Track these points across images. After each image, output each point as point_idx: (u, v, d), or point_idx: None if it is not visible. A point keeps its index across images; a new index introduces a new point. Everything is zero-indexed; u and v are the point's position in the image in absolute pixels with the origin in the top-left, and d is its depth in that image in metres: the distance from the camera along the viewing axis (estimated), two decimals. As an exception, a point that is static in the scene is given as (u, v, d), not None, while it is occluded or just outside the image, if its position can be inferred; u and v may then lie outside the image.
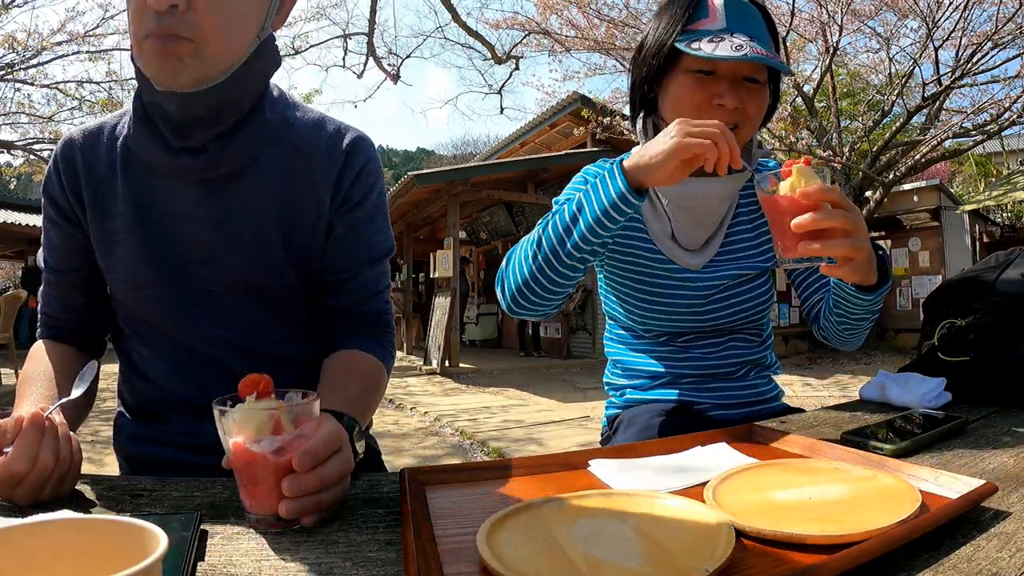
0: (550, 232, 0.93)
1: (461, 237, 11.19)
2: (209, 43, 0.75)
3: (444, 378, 8.56)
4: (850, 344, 1.13)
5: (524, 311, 1.01)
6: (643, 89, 1.10)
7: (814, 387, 7.10)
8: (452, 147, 61.49)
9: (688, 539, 0.52)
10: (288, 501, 0.56)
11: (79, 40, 9.01)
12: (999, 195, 9.95)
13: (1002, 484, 0.62)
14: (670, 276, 1.12)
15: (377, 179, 0.95)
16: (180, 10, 0.72)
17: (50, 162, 0.90)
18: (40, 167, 10.05)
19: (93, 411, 0.92)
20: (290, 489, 0.56)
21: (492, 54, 11.85)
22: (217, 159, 0.83)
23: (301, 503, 0.57)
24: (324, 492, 0.58)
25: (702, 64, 1.00)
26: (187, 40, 0.73)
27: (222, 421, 0.60)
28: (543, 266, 0.93)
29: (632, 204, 0.87)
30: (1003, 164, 14.33)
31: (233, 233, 0.86)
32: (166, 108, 0.80)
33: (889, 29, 9.45)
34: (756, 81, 1.02)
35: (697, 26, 1.01)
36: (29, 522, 0.38)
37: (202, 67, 0.76)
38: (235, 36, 0.78)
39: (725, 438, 0.84)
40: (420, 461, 4.22)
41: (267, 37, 0.83)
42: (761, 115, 1.06)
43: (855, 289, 0.92)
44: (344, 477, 0.61)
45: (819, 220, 0.75)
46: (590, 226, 0.89)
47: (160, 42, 0.73)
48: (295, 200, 0.88)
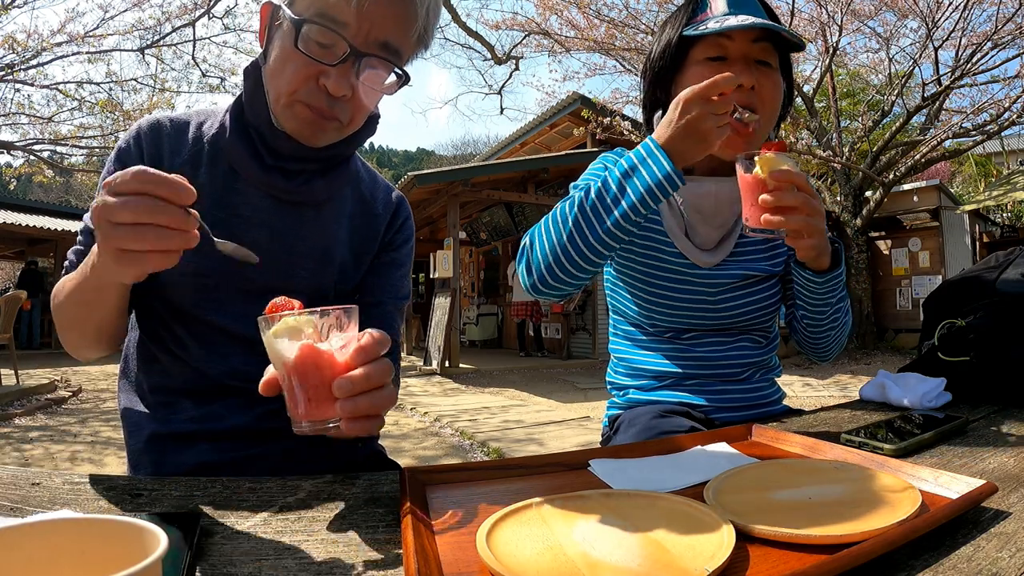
0: (587, 210, 0.92)
1: (461, 237, 11.20)
2: (352, 124, 0.88)
3: (444, 378, 8.56)
4: (819, 350, 1.16)
5: (550, 290, 1.00)
6: (655, 93, 1.12)
7: (814, 387, 7.11)
8: (452, 147, 61.59)
9: (688, 539, 0.52)
10: (343, 401, 0.60)
11: (79, 41, 9.01)
12: (999, 195, 9.95)
13: (1002, 484, 0.62)
14: (683, 272, 1.13)
15: (412, 233, 1.09)
16: (346, 98, 0.82)
17: (130, 135, 0.92)
18: (40, 167, 10.06)
19: (93, 411, 0.92)
20: (340, 388, 0.59)
21: (492, 54, 11.86)
22: (306, 188, 0.92)
23: (355, 402, 0.60)
24: (373, 394, 0.61)
25: (712, 50, 1.03)
26: (338, 120, 0.85)
27: (281, 331, 0.61)
28: (579, 244, 0.93)
29: (676, 185, 0.88)
30: (1003, 164, 14.34)
31: (297, 252, 0.94)
32: (277, 143, 0.88)
33: (889, 29, 9.46)
34: (768, 64, 1.04)
35: (700, 18, 1.05)
36: (29, 522, 0.38)
37: (337, 137, 0.90)
38: (366, 116, 0.91)
39: (725, 438, 0.84)
40: (420, 461, 4.22)
41: (376, 112, 0.95)
42: (778, 99, 1.06)
43: (810, 272, 1.00)
44: (388, 383, 0.63)
45: (782, 198, 0.86)
46: (633, 204, 0.89)
47: (319, 118, 0.84)
48: (357, 236, 1.01)
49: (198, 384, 0.91)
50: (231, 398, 0.90)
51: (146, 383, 0.94)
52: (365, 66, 0.81)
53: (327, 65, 0.79)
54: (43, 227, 13.01)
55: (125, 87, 9.90)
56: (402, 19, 0.81)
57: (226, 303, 0.90)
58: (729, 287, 1.13)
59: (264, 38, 0.86)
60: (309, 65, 0.80)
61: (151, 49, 9.73)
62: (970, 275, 1.23)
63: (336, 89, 0.80)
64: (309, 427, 0.62)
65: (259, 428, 0.90)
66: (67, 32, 8.93)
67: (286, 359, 0.61)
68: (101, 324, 0.83)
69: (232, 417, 0.90)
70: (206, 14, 9.69)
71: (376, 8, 0.78)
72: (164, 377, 0.93)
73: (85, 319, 0.82)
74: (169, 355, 0.92)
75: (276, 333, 0.61)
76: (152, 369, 0.94)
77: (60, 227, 13.29)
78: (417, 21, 0.82)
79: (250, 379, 0.90)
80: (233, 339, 0.90)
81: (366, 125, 0.93)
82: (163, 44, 9.78)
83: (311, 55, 0.79)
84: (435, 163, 47.06)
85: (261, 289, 0.88)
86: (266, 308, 0.64)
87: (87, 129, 9.94)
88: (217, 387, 0.90)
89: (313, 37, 0.79)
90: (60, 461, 4.28)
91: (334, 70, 0.79)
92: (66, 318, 0.84)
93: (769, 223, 0.87)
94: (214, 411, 0.89)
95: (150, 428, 0.91)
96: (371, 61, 0.81)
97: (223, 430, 0.89)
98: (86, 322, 0.83)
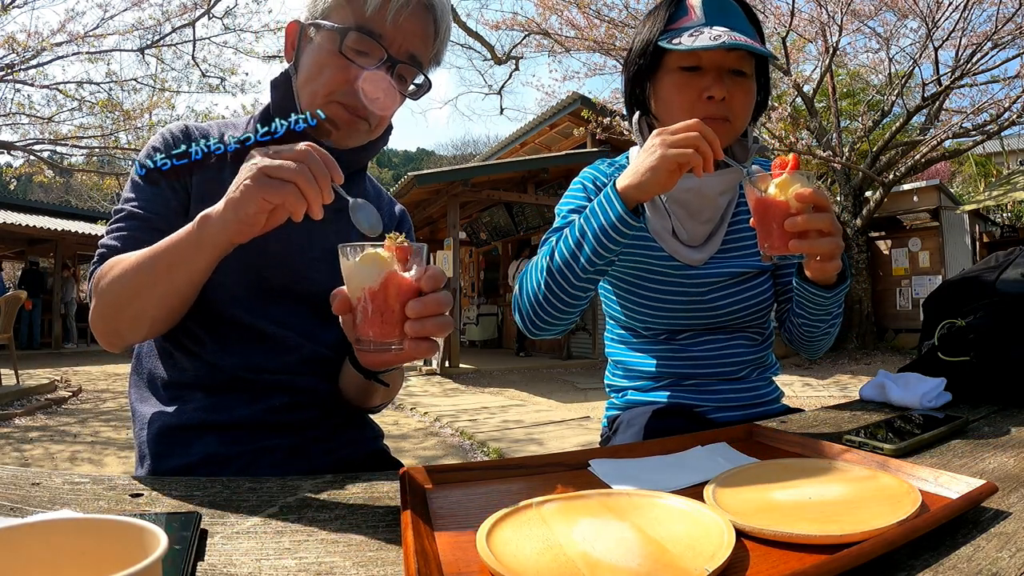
0: (557, 258, 0.98)
1: (461, 237, 11.20)
2: (378, 128, 0.98)
3: (444, 378, 8.56)
4: (812, 350, 1.16)
5: (543, 331, 1.06)
6: (634, 90, 1.13)
7: (814, 387, 7.11)
8: (452, 147, 61.48)
9: (688, 539, 0.52)
10: (412, 322, 0.67)
11: (79, 40, 9.01)
12: (999, 195, 9.95)
13: (1002, 484, 0.62)
14: (671, 273, 1.12)
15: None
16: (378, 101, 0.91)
17: (159, 136, 0.99)
18: (40, 167, 10.06)
19: (93, 411, 0.92)
20: (412, 309, 0.67)
21: (492, 55, 11.87)
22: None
23: (423, 323, 0.68)
24: (438, 318, 0.68)
25: (686, 60, 1.03)
26: (367, 122, 0.94)
27: (368, 259, 0.68)
28: (555, 290, 0.99)
29: (631, 225, 0.92)
30: (1003, 164, 14.34)
31: (311, 255, 0.98)
32: None
33: (889, 29, 9.46)
34: (743, 73, 1.04)
35: (677, 25, 1.04)
36: (29, 522, 0.38)
37: (365, 139, 0.98)
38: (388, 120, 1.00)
39: (725, 438, 0.84)
40: (420, 461, 4.22)
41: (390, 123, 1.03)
42: (749, 108, 1.07)
43: (818, 288, 0.99)
44: (448, 312, 0.70)
45: (810, 221, 0.82)
46: (594, 249, 0.94)
47: (353, 117, 0.92)
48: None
49: (210, 378, 0.93)
50: (241, 391, 0.92)
51: (158, 379, 0.96)
52: (397, 72, 0.92)
53: (366, 69, 0.90)
54: (43, 227, 13.02)
55: (125, 87, 9.89)
56: (426, 36, 0.94)
57: (244, 299, 0.94)
58: (720, 285, 1.12)
59: (292, 53, 0.97)
60: (349, 68, 0.90)
61: (151, 49, 9.72)
62: (970, 275, 1.23)
63: (372, 90, 0.90)
64: (375, 346, 0.69)
65: (266, 421, 0.92)
66: (67, 32, 8.91)
67: (370, 283, 0.68)
68: (178, 290, 0.82)
69: (240, 408, 0.91)
70: (206, 14, 9.69)
71: (407, 24, 0.91)
72: (176, 372, 0.94)
73: (163, 284, 0.80)
74: (182, 350, 0.94)
75: (363, 260, 0.68)
76: (164, 365, 0.96)
77: (60, 227, 13.29)
78: (438, 37, 0.96)
79: (261, 371, 0.94)
80: (248, 334, 0.94)
81: (384, 133, 1.02)
82: (163, 44, 9.77)
83: (352, 60, 0.89)
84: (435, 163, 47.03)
85: (276, 288, 0.96)
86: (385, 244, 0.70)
87: (87, 129, 9.93)
88: (229, 380, 0.92)
89: (353, 45, 0.90)
90: (60, 461, 4.28)
91: (371, 73, 0.90)
92: (131, 288, 0.82)
93: (799, 249, 0.83)
94: (223, 401, 0.91)
95: (160, 421, 0.92)
96: (402, 68, 0.93)
97: (230, 421, 0.91)
98: (163, 287, 0.81)
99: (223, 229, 0.71)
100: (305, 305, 0.99)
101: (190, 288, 0.82)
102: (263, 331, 0.95)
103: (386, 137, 1.04)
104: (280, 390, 0.94)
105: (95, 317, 0.87)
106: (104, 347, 0.90)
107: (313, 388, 0.97)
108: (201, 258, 0.77)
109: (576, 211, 1.12)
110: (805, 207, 0.82)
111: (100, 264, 0.89)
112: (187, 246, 0.76)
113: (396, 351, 0.70)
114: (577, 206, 1.14)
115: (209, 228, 0.73)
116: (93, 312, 0.87)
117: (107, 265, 0.86)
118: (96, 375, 9.28)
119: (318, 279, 0.98)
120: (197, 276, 0.80)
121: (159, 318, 0.86)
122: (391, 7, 0.88)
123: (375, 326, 0.68)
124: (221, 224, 0.71)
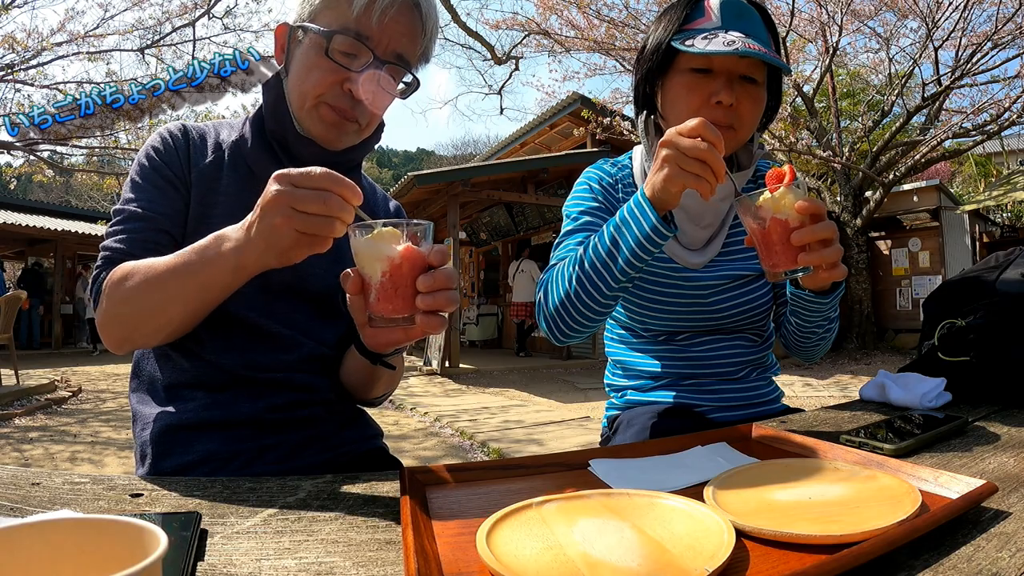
0: (588, 267, 0.97)
1: (461, 237, 11.20)
2: (368, 127, 0.99)
3: (444, 379, 8.56)
4: (808, 354, 1.16)
5: (570, 338, 1.05)
6: (643, 89, 1.12)
7: (814, 387, 7.10)
8: (452, 147, 61.52)
9: (688, 539, 0.52)
10: (424, 296, 0.69)
11: (79, 40, 9.00)
12: (999, 195, 9.95)
13: (1002, 484, 0.62)
14: (671, 275, 1.12)
15: None
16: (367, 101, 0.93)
17: (157, 135, 0.99)
18: (40, 167, 10.06)
19: (93, 411, 0.92)
20: (423, 282, 0.68)
21: (492, 55, 11.86)
22: None
23: (434, 296, 0.69)
24: (449, 292, 0.70)
25: (697, 62, 1.01)
26: (357, 123, 0.95)
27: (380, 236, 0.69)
28: (584, 299, 0.98)
29: (664, 235, 0.91)
30: (1003, 164, 14.35)
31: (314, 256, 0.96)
32: (300, 148, 0.96)
33: (889, 29, 9.47)
34: (753, 80, 1.02)
35: (693, 25, 1.03)
36: (29, 522, 0.38)
37: (356, 140, 0.99)
38: (379, 120, 1.01)
39: (725, 438, 0.84)
40: (420, 462, 4.22)
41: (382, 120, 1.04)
42: (757, 116, 1.06)
43: (813, 295, 0.99)
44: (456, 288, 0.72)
45: (817, 232, 0.80)
46: (628, 260, 0.93)
47: (342, 119, 0.93)
48: None
49: (211, 377, 0.93)
50: (242, 388, 0.93)
51: (159, 380, 0.96)
52: (384, 72, 0.92)
53: (353, 71, 0.90)
54: (43, 227, 13.01)
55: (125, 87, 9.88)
56: (413, 35, 0.94)
57: (245, 298, 0.93)
58: (721, 288, 1.12)
59: (282, 56, 0.98)
60: (336, 71, 0.90)
61: (151, 49, 9.72)
62: (970, 275, 1.23)
63: (360, 92, 0.91)
64: (388, 323, 0.71)
65: (267, 419, 0.92)
66: (67, 32, 8.92)
67: (387, 257, 0.69)
68: (208, 306, 0.83)
69: (241, 406, 0.91)
70: (206, 14, 9.69)
71: (393, 25, 0.91)
72: (177, 373, 0.94)
73: (195, 302, 0.81)
74: (182, 351, 0.94)
75: (376, 237, 0.69)
76: (165, 366, 0.96)
77: (60, 227, 13.29)
78: (424, 36, 0.96)
79: (262, 369, 0.94)
80: (249, 331, 0.94)
81: (375, 131, 1.02)
82: (163, 44, 9.77)
83: (339, 62, 0.90)
84: (435, 163, 47.06)
85: (277, 285, 0.95)
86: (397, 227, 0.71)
87: (87, 129, 9.92)
88: (230, 378, 0.93)
89: (339, 47, 0.90)
90: (60, 461, 4.28)
91: (358, 76, 0.90)
92: (158, 303, 0.82)
93: (808, 261, 0.81)
94: (224, 399, 0.92)
95: (162, 421, 0.92)
96: (389, 69, 0.93)
97: (231, 419, 0.91)
98: (194, 305, 0.82)
99: (258, 260, 0.73)
100: (306, 303, 0.99)
101: (221, 300, 0.83)
102: (264, 329, 0.95)
103: (378, 135, 1.04)
104: (281, 388, 0.94)
105: (107, 321, 0.86)
106: (111, 350, 0.90)
107: (314, 386, 0.97)
108: (238, 281, 0.79)
109: (587, 212, 1.12)
110: (806, 219, 0.81)
111: (107, 267, 0.88)
112: (222, 273, 0.77)
113: (408, 326, 0.71)
114: (587, 207, 1.13)
115: (248, 254, 0.74)
116: (104, 316, 0.86)
117: (120, 271, 0.85)
118: (96, 375, 9.28)
119: (319, 278, 0.98)
120: (230, 292, 0.81)
121: (182, 328, 0.87)
122: (376, 8, 0.88)
123: (391, 301, 0.70)
124: (256, 255, 0.73)
